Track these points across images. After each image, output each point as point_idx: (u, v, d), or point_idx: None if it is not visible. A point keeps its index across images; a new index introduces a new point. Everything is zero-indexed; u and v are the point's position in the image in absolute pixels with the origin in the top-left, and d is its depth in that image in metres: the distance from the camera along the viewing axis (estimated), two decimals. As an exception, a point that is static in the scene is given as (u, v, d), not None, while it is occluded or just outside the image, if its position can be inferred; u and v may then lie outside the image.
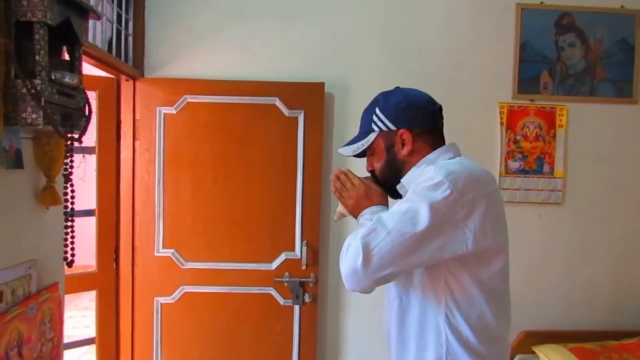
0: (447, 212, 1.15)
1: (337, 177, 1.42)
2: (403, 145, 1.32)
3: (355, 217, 1.37)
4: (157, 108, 2.60)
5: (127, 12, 2.57)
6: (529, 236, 2.77)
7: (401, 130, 1.32)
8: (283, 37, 2.70)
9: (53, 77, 1.21)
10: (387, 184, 1.38)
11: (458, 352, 1.23)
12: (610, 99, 2.82)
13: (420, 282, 1.27)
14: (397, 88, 1.40)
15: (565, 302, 2.82)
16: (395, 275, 1.21)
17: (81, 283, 2.50)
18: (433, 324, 1.25)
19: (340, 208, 1.44)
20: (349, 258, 1.19)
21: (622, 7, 2.79)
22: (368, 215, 1.29)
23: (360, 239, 1.17)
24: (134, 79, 2.60)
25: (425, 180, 1.20)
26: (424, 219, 1.14)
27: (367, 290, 1.21)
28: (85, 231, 2.13)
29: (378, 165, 1.38)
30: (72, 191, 1.42)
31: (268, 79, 2.64)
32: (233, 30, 2.69)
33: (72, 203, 1.43)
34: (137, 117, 2.60)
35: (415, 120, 1.32)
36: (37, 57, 1.15)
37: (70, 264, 1.46)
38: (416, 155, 1.32)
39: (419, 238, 1.15)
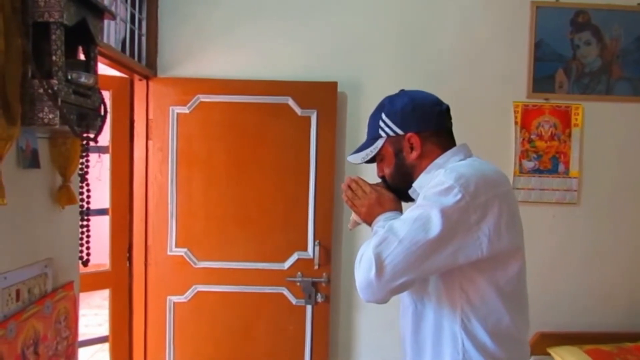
0: (459, 217, 1.13)
1: (348, 186, 1.40)
2: (412, 149, 1.30)
3: (369, 224, 1.35)
4: (170, 107, 2.61)
5: (140, 12, 2.58)
6: (544, 236, 2.74)
7: (409, 134, 1.30)
8: (296, 36, 2.70)
9: (69, 77, 1.22)
10: (398, 189, 1.37)
11: (475, 359, 1.20)
12: (626, 98, 2.78)
13: (435, 288, 1.25)
14: (402, 91, 1.38)
15: (581, 303, 2.79)
16: (411, 284, 1.18)
17: (95, 281, 2.51)
18: (449, 330, 1.23)
19: (353, 216, 1.43)
20: (362, 269, 1.17)
21: (639, 4, 2.75)
22: (382, 222, 1.28)
23: (372, 249, 1.15)
24: (147, 78, 2.61)
25: (435, 185, 1.18)
26: (436, 225, 1.12)
27: (383, 300, 1.19)
28: (99, 230, 2.14)
29: (388, 171, 1.37)
30: (88, 190, 1.43)
31: (281, 78, 2.63)
32: (246, 29, 2.69)
33: (88, 202, 1.44)
34: (150, 116, 2.61)
35: (422, 122, 1.30)
36: (53, 58, 1.15)
37: (85, 263, 1.47)
38: (426, 159, 1.30)
39: (432, 245, 1.13)
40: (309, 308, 2.66)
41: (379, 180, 1.42)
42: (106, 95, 2.37)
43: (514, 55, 2.73)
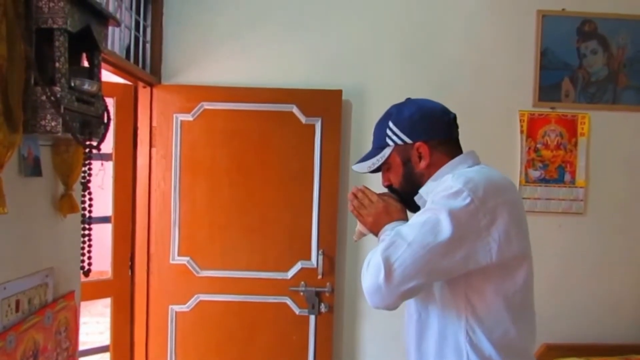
0: (468, 221, 1.12)
1: (355, 195, 1.37)
2: (420, 158, 1.29)
3: (376, 234, 1.32)
4: (174, 115, 2.60)
5: (145, 19, 2.57)
6: (550, 246, 2.70)
7: (417, 144, 1.28)
8: (300, 44, 2.69)
9: (73, 84, 1.20)
10: (405, 198, 1.34)
11: None
12: (633, 107, 2.76)
13: (440, 297, 1.23)
14: (409, 99, 1.36)
15: (588, 314, 2.75)
16: (420, 289, 1.16)
17: (96, 290, 2.49)
18: (453, 341, 1.20)
19: (359, 227, 1.40)
20: (370, 274, 1.14)
21: (645, 13, 2.74)
22: (389, 232, 1.25)
23: (380, 254, 1.13)
24: (151, 85, 2.60)
25: (443, 189, 1.16)
26: (445, 228, 1.11)
27: (392, 306, 1.16)
28: (102, 238, 2.12)
29: (395, 180, 1.35)
30: (90, 199, 1.41)
31: (285, 86, 2.62)
32: (250, 37, 2.68)
33: (90, 211, 1.41)
34: (154, 123, 2.60)
35: (431, 131, 1.29)
36: (57, 64, 1.14)
37: (87, 274, 1.44)
38: (434, 167, 1.29)
39: (442, 248, 1.11)
40: (312, 318, 2.63)
41: (385, 190, 1.40)
42: (110, 102, 2.37)
43: (520, 64, 2.72)
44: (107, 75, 2.20)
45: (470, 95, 2.68)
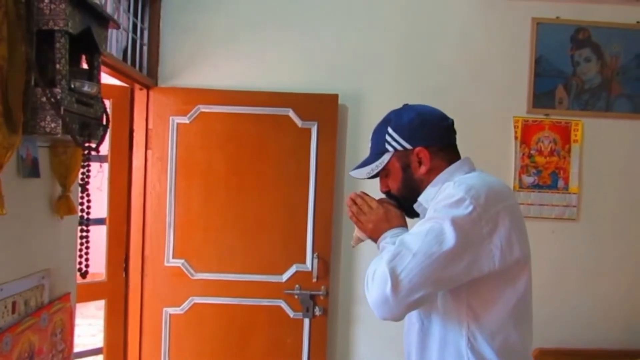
0: (471, 229, 1.12)
1: (354, 201, 1.37)
2: (420, 164, 1.29)
3: (375, 241, 1.32)
4: (170, 117, 2.60)
5: (142, 22, 2.58)
6: (543, 252, 2.70)
7: (417, 149, 1.28)
8: (297, 48, 2.70)
9: (73, 86, 1.20)
10: (404, 204, 1.35)
11: None
12: (626, 115, 2.79)
13: (442, 305, 1.23)
14: (407, 105, 1.36)
15: (580, 319, 2.77)
16: (427, 299, 1.15)
17: (90, 292, 2.47)
18: (454, 348, 1.21)
19: (357, 233, 1.39)
20: (376, 285, 1.13)
21: (638, 22, 2.77)
22: (389, 239, 1.25)
23: (386, 265, 1.12)
24: (148, 88, 2.60)
25: (445, 197, 1.17)
26: (449, 237, 1.11)
27: (399, 317, 1.15)
28: (96, 239, 2.12)
29: (394, 186, 1.35)
30: (88, 201, 1.41)
31: (282, 90, 2.63)
32: (247, 40, 2.69)
33: (88, 213, 1.41)
34: (150, 126, 2.60)
35: (431, 137, 1.29)
36: (57, 66, 1.14)
37: (84, 275, 1.44)
38: (433, 173, 1.29)
39: (447, 257, 1.11)
40: (306, 321, 2.63)
41: (382, 196, 1.40)
42: (106, 104, 2.36)
43: (515, 71, 2.74)
44: (104, 77, 2.20)
45: (466, 101, 2.70)
